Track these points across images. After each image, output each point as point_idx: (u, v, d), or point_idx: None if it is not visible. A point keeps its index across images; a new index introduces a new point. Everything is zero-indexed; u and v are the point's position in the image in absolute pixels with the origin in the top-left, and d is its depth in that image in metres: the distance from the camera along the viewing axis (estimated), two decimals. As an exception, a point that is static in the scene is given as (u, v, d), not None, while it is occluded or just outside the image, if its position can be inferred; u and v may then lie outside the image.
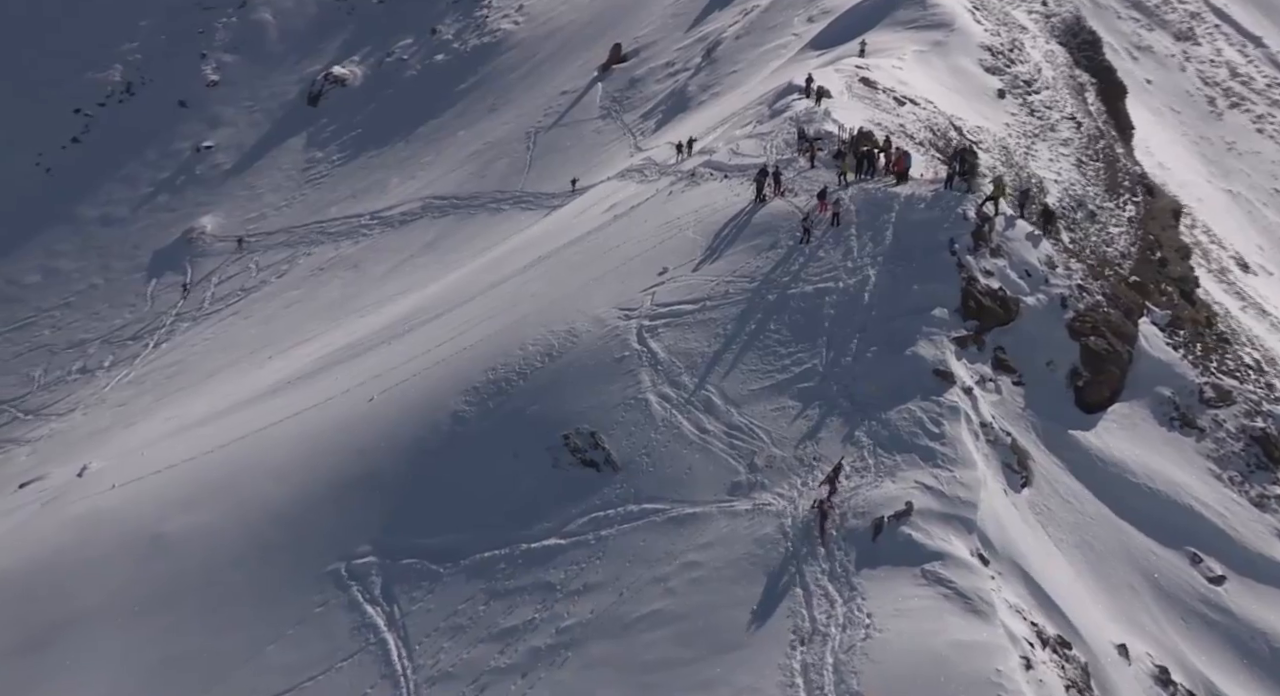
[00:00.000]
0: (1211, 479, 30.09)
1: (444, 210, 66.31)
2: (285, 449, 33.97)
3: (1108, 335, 30.81)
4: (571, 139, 67.99)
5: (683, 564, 26.15)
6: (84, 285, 76.94)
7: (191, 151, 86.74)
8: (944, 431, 27.78)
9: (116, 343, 70.13)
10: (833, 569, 25.14)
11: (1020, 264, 32.07)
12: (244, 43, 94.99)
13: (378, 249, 65.75)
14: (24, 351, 72.74)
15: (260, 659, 27.43)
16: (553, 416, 30.27)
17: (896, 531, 25.47)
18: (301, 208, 76.85)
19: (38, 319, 75.24)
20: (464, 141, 74.79)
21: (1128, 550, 28.18)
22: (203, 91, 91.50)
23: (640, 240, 36.60)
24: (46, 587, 31.77)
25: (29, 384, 69.31)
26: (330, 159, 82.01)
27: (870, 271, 32.10)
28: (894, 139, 40.62)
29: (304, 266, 68.71)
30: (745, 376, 30.52)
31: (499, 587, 27.00)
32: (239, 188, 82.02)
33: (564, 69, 78.38)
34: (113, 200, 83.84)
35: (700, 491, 27.87)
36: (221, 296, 69.90)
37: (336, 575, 28.92)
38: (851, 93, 50.79)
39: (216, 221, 78.52)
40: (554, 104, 73.43)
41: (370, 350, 40.80)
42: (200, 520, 31.86)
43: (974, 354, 30.25)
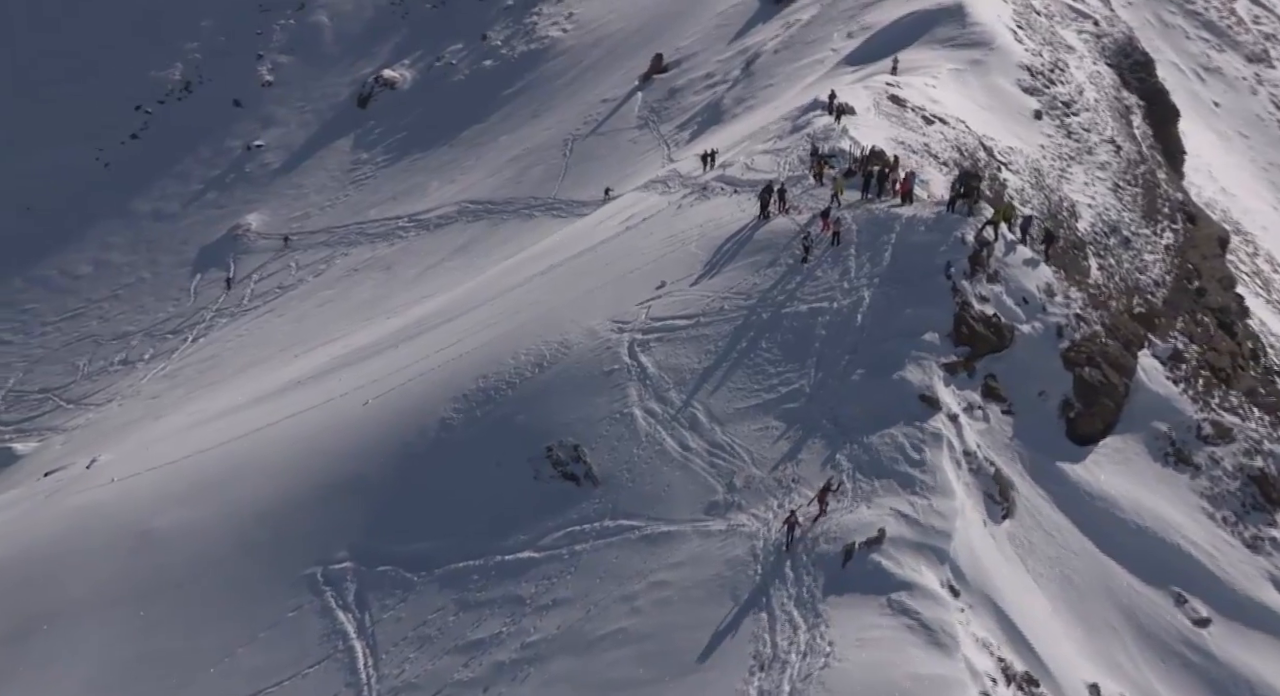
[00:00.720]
0: (1204, 517, 29.33)
1: (478, 215, 66.61)
2: (280, 449, 34.24)
3: (1103, 366, 30.14)
4: (607, 148, 67.94)
5: (652, 583, 26.01)
6: (133, 278, 78.17)
7: (242, 150, 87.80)
8: (925, 458, 27.37)
9: (158, 335, 71.18)
10: (799, 594, 24.88)
11: (1017, 290, 31.48)
12: (299, 44, 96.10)
13: (411, 251, 66.19)
14: (72, 341, 74.05)
15: (231, 661, 27.64)
16: (538, 427, 30.22)
17: (866, 558, 25.17)
18: (344, 208, 77.52)
19: (87, 309, 76.53)
20: (505, 147, 75.07)
21: (1109, 587, 27.56)
22: (257, 91, 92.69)
23: (644, 253, 36.47)
24: (36, 578, 32.16)
25: (74, 373, 70.51)
26: (375, 161, 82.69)
27: (865, 292, 31.71)
28: (903, 159, 40.03)
29: (340, 266, 69.31)
30: (732, 394, 30.27)
31: (470, 599, 27.01)
32: (286, 187, 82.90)
33: (607, 77, 78.37)
34: (165, 195, 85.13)
35: (677, 509, 27.69)
36: (261, 293, 70.70)
37: (313, 579, 29.08)
38: (878, 110, 50.19)
39: (261, 219, 79.43)
40: (594, 112, 73.46)
41: (380, 353, 41.02)
42: (190, 517, 32.14)
43: (964, 380, 29.73)
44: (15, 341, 76.06)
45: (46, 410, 68.07)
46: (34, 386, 71.05)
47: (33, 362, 73.52)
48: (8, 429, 67.86)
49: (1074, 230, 52.60)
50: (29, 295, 79.57)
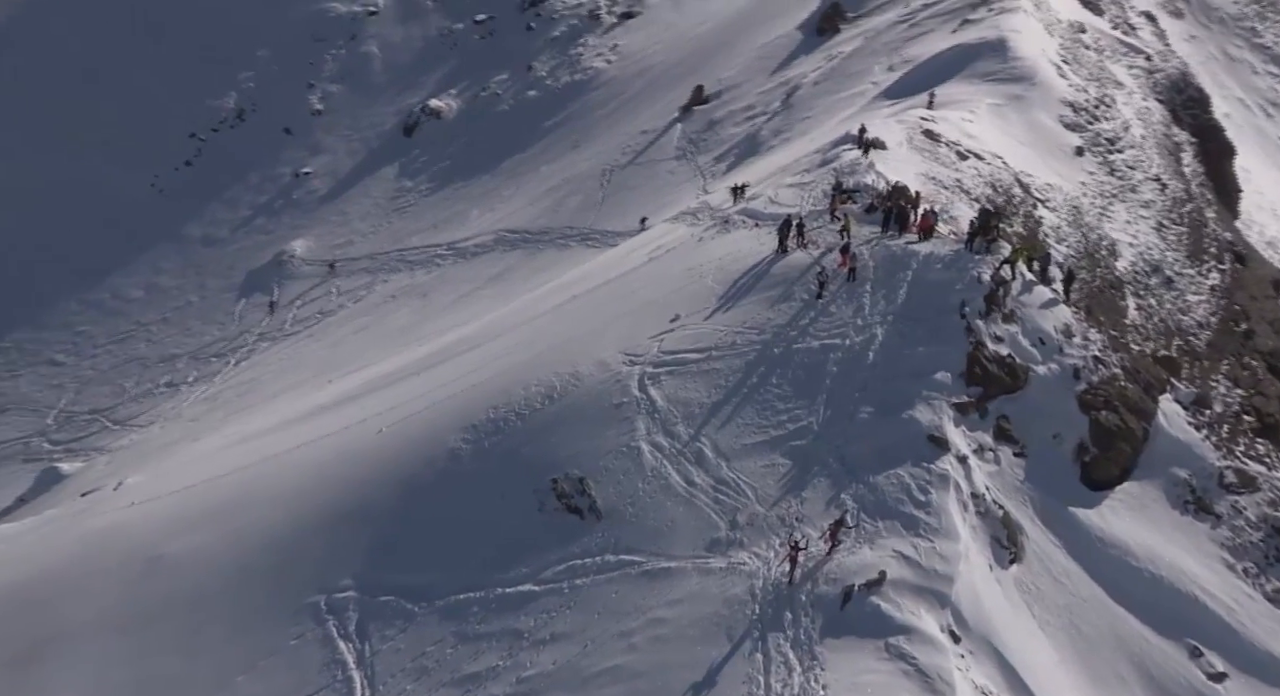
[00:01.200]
0: (1223, 568, 28.50)
1: (515, 244, 66.91)
2: (292, 476, 34.41)
3: (1121, 410, 29.46)
4: (644, 178, 68.00)
5: (650, 619, 25.75)
6: (181, 302, 79.38)
7: (291, 177, 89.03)
8: (930, 500, 26.91)
9: (202, 358, 72.19)
10: (796, 635, 24.50)
11: (1034, 331, 30.93)
12: (350, 74, 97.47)
13: (448, 279, 66.60)
14: (120, 363, 75.28)
15: (229, 688, 27.68)
16: (545, 459, 30.13)
17: (865, 601, 24.79)
18: (386, 235, 78.28)
19: (136, 332, 77.78)
20: (544, 177, 75.45)
21: (1120, 637, 26.85)
22: (307, 119, 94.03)
23: (661, 285, 36.36)
24: (45, 601, 32.46)
25: (121, 395, 71.64)
26: (419, 189, 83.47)
27: (878, 330, 31.35)
28: (928, 195, 39.60)
29: (379, 293, 69.91)
30: (740, 430, 29.99)
31: (469, 631, 26.92)
32: (331, 213, 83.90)
33: (648, 108, 78.58)
34: (215, 221, 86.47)
35: (678, 545, 27.42)
36: (302, 318, 71.44)
37: (316, 608, 29.12)
38: (911, 145, 49.80)
39: (306, 245, 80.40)
40: (633, 143, 73.61)
41: (402, 380, 41.18)
42: (198, 543, 32.32)
43: (975, 421, 29.21)
44: (68, 363, 77.48)
45: (94, 430, 69.20)
46: (84, 407, 72.26)
47: (83, 384, 74.79)
48: (57, 448, 69.02)
49: (1112, 269, 51.76)
50: (83, 318, 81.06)
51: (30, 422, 72.00)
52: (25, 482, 62.64)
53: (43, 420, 71.70)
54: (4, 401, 74.94)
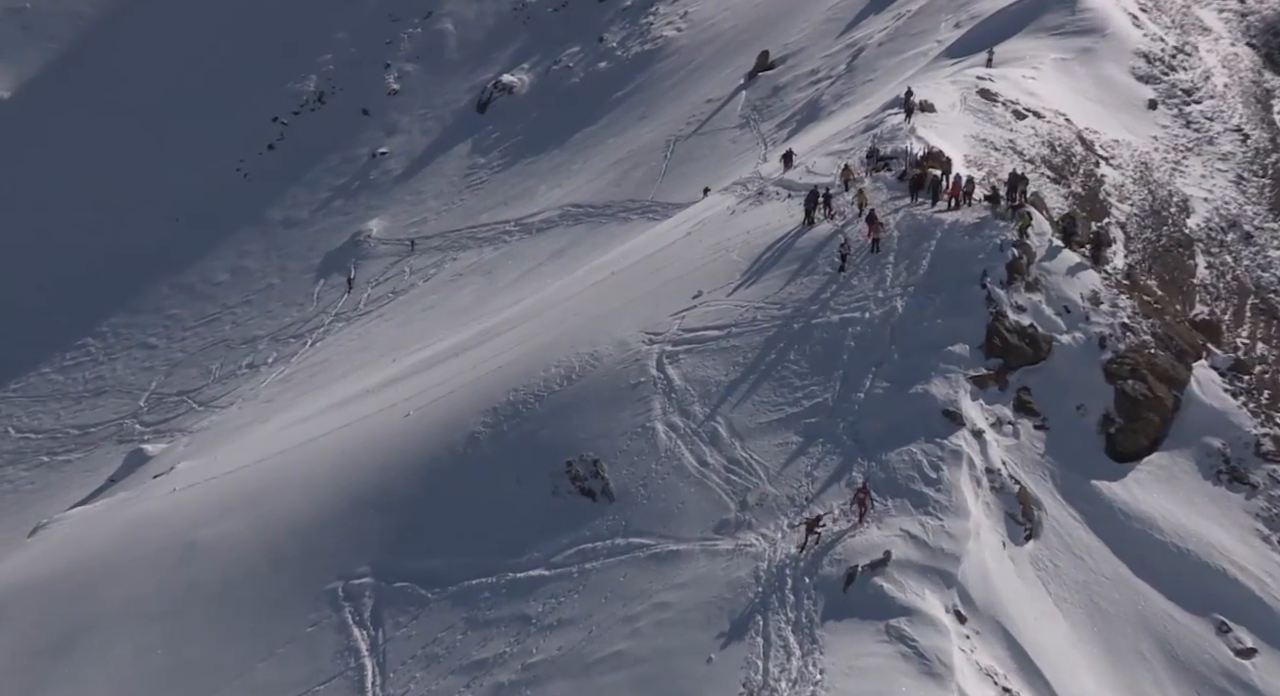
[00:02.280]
0: (1257, 541, 27.46)
1: (578, 218, 67.08)
2: (323, 461, 35.10)
3: (1149, 379, 28.53)
4: (707, 148, 67.53)
5: (655, 604, 25.79)
6: (263, 284, 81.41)
7: (368, 157, 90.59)
8: (941, 477, 26.49)
9: (282, 339, 73.95)
10: (798, 619, 24.35)
11: (1059, 299, 30.08)
12: (425, 52, 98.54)
13: (513, 256, 67.09)
14: (207, 345, 77.52)
15: (249, 675, 28.33)
16: (561, 442, 30.30)
17: (869, 582, 24.50)
18: (459, 213, 79.13)
19: (222, 315, 79.98)
20: (611, 149, 75.41)
21: (1142, 614, 26.11)
22: (384, 100, 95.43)
23: (688, 261, 36.20)
24: (84, 588, 33.44)
25: (207, 377, 73.73)
26: (491, 165, 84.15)
27: (898, 302, 30.80)
28: (968, 160, 38.66)
29: (448, 271, 70.71)
30: (756, 408, 29.82)
31: (479, 617, 27.25)
32: (406, 193, 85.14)
33: (714, 76, 77.93)
34: (296, 203, 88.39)
35: (688, 527, 27.41)
36: (376, 298, 72.68)
37: (334, 594, 29.67)
38: (964, 106, 48.65)
39: (382, 225, 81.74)
40: (698, 112, 73.10)
41: (442, 362, 41.74)
42: (231, 529, 33.10)
43: (994, 394, 28.59)
44: (160, 346, 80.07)
45: (181, 412, 71.40)
46: (172, 389, 74.56)
47: (173, 366, 77.20)
48: (147, 430, 71.40)
49: (1182, 227, 50.08)
50: (174, 301, 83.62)
51: (124, 404, 74.57)
52: (117, 463, 65.05)
53: (135, 402, 74.21)
54: (102, 384, 77.79)
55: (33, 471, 70.75)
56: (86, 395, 77.16)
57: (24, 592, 34.64)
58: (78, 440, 72.92)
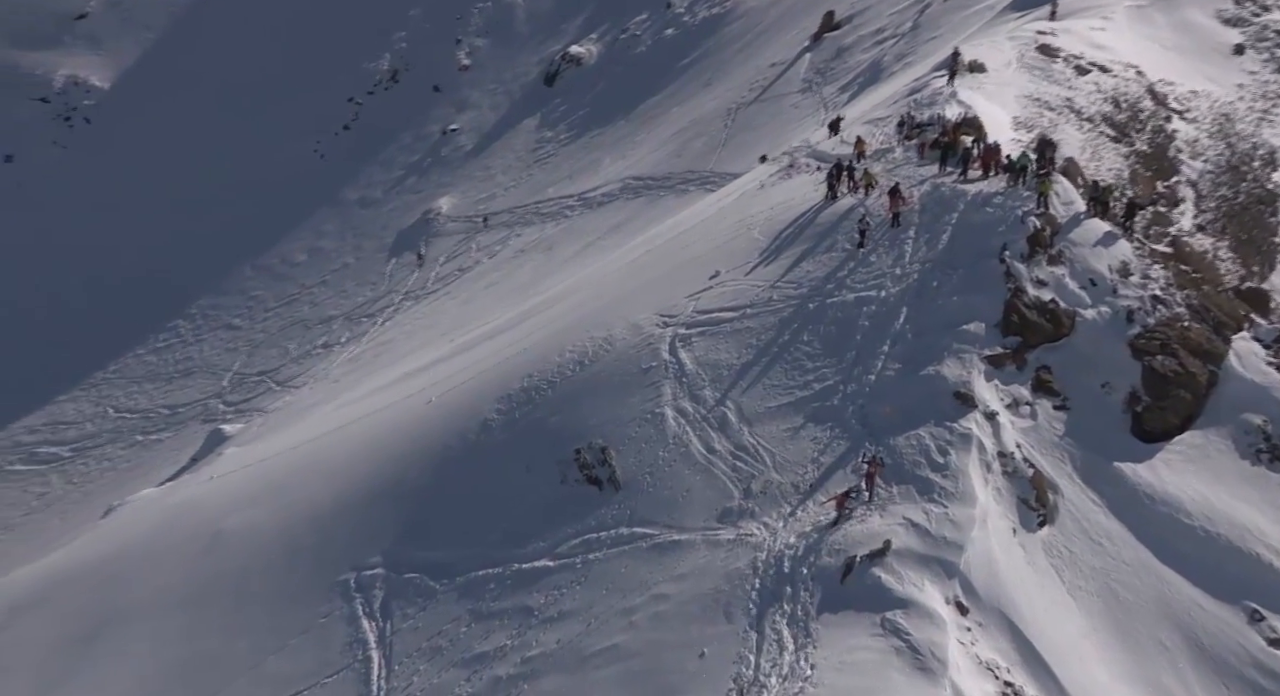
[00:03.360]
0: (1298, 523, 25.81)
1: (638, 191, 66.33)
2: (346, 450, 35.25)
3: (1180, 353, 27.06)
4: (768, 115, 66.07)
5: (653, 595, 25.42)
6: (339, 264, 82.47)
7: (439, 134, 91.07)
8: (949, 462, 25.57)
9: (355, 319, 74.90)
10: (794, 611, 23.78)
11: (1084, 272, 28.67)
12: (495, 26, 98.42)
13: (573, 231, 66.74)
14: (286, 325, 78.91)
15: (261, 668, 28.60)
16: (570, 429, 29.96)
17: (867, 573, 23.78)
18: (526, 188, 79.01)
19: (300, 295, 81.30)
20: (675, 119, 74.36)
21: (1165, 602, 24.93)
22: (455, 75, 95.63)
23: (710, 239, 35.48)
24: (118, 576, 34.02)
25: (285, 357, 75.09)
26: (558, 139, 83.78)
27: (915, 279, 29.65)
28: (1004, 126, 37.10)
29: (512, 248, 70.68)
30: (766, 392, 29.12)
31: (484, 609, 27.18)
32: (476, 169, 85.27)
33: (780, 38, 76.22)
34: (370, 183, 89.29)
35: (691, 516, 26.94)
36: (444, 276, 73.06)
37: (346, 585, 29.80)
38: (1020, 64, 46.82)
39: (452, 202, 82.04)
40: (761, 77, 71.58)
41: (478, 345, 41.69)
42: (254, 518, 33.44)
43: (1011, 374, 27.46)
44: (243, 326, 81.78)
45: (260, 392, 72.89)
46: (254, 369, 76.08)
47: (254, 347, 78.75)
48: (230, 409, 73.12)
49: (1264, 181, 47.70)
50: (256, 282, 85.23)
51: (209, 384, 76.35)
52: (201, 443, 66.79)
53: (219, 382, 75.91)
54: (190, 365, 79.78)
55: (128, 450, 72.93)
56: (176, 375, 79.21)
57: (67, 579, 35.54)
58: (168, 420, 74.92)
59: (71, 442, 74.80)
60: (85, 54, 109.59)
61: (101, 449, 73.67)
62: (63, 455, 74.00)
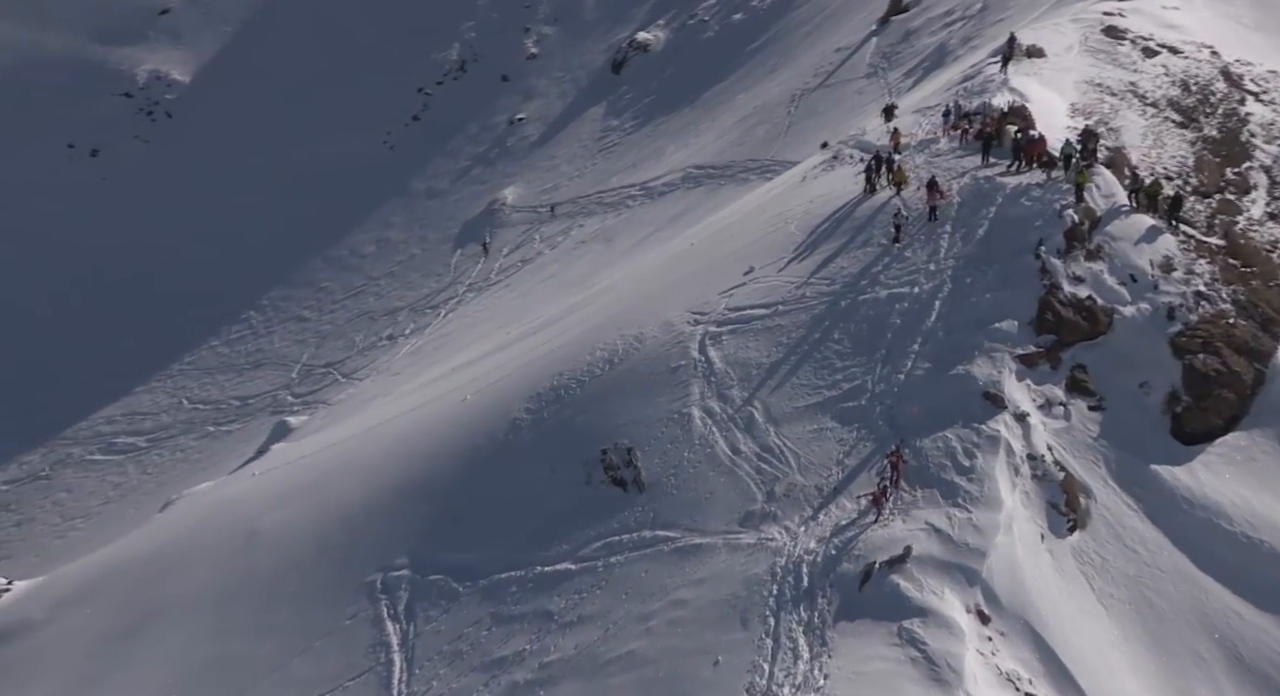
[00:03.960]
0: (1347, 530, 24.91)
1: (699, 181, 65.99)
2: (379, 449, 35.54)
3: (1224, 352, 26.30)
4: (831, 101, 65.26)
5: (672, 600, 25.29)
6: (405, 255, 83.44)
7: (506, 124, 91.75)
8: (975, 465, 25.15)
9: (419, 311, 75.73)
10: (810, 619, 23.55)
11: (1124, 268, 27.94)
12: (563, 14, 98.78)
13: (633, 222, 66.65)
14: (353, 317, 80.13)
15: (286, 669, 28.95)
16: (598, 429, 29.93)
17: (885, 580, 23.44)
18: (590, 178, 79.14)
19: (367, 286, 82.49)
20: (740, 105, 73.88)
21: (1202, 611, 24.26)
22: (523, 64, 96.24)
23: (748, 233, 35.22)
24: (160, 573, 34.59)
25: (351, 348, 76.34)
26: (623, 127, 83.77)
27: (949, 275, 29.16)
28: (1060, 113, 36.30)
29: (573, 239, 70.81)
30: (794, 391, 28.88)
31: (505, 612, 27.29)
32: (542, 158, 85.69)
33: (847, 22, 75.25)
34: (438, 173, 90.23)
35: (714, 519, 26.79)
36: (506, 267, 73.44)
37: (372, 586, 30.08)
38: (1083, 47, 45.75)
39: (517, 193, 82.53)
40: (826, 62, 70.73)
41: (520, 341, 41.95)
42: (288, 517, 33.83)
43: (1044, 374, 26.90)
44: (312, 318, 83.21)
45: (326, 384, 74.11)
46: (321, 361, 77.28)
47: (323, 338, 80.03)
48: (297, 401, 74.48)
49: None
50: (325, 274, 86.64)
51: (279, 376, 77.76)
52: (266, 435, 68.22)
53: (288, 374, 77.30)
54: (260, 357, 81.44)
55: (200, 441, 74.71)
56: (247, 367, 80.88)
57: (113, 574, 36.46)
58: (238, 411, 76.52)
59: (148, 433, 76.86)
60: (167, 49, 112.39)
61: (175, 440, 75.53)
62: (139, 445, 76.07)
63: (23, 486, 75.27)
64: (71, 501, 72.63)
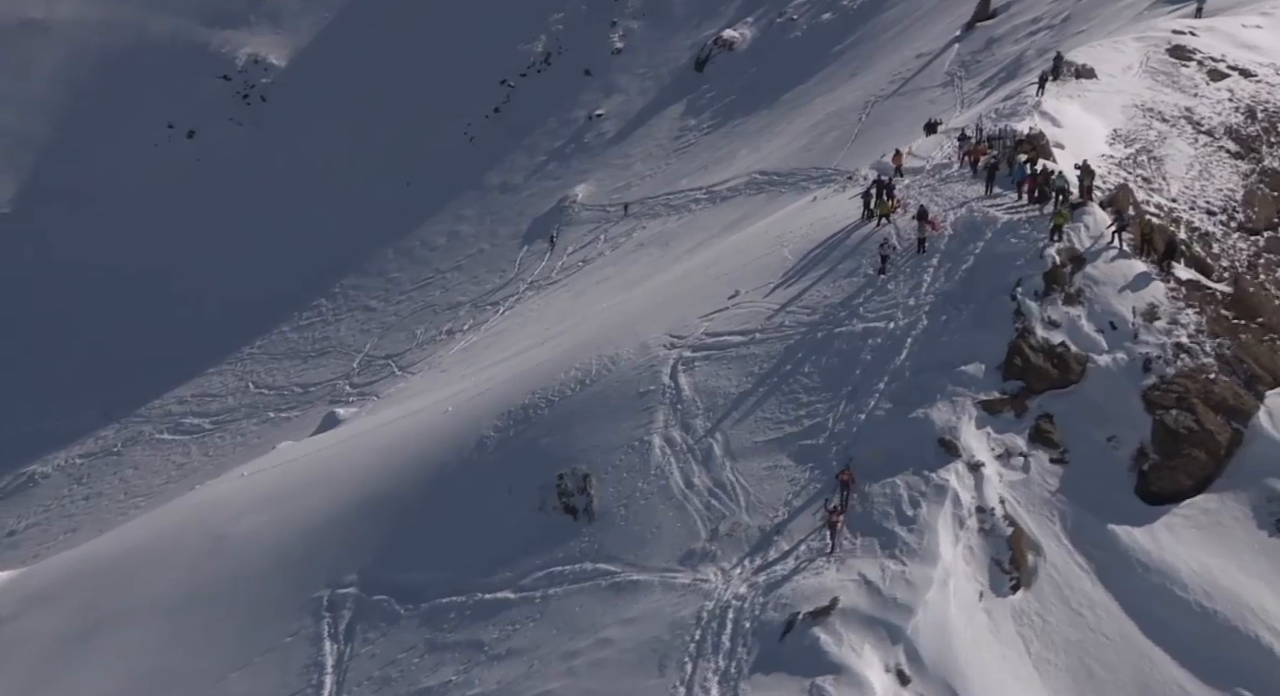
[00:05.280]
0: (1310, 604, 24.09)
1: (761, 187, 65.70)
2: (356, 458, 36.25)
3: (1198, 409, 25.66)
4: (903, 110, 64.40)
5: (599, 639, 25.68)
6: (474, 249, 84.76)
7: (584, 120, 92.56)
8: (917, 516, 24.95)
9: (480, 307, 76.75)
10: (726, 669, 23.77)
11: (1104, 314, 27.41)
12: (651, 8, 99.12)
13: (692, 226, 66.59)
14: (418, 309, 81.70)
15: (221, 685, 29.56)
16: (559, 452, 30.40)
17: (807, 632, 23.52)
18: (662, 178, 79.32)
19: (434, 279, 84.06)
20: (816, 110, 73.34)
21: (1145, 682, 23.84)
22: (607, 59, 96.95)
23: (743, 254, 35.31)
24: (126, 575, 35.64)
25: (411, 341, 77.96)
26: (700, 127, 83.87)
27: (925, 312, 28.87)
28: (1099, 138, 35.65)
29: (635, 240, 70.98)
30: (757, 425, 29.04)
31: (440, 640, 27.78)
32: (616, 156, 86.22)
33: (933, 26, 74.21)
34: (513, 168, 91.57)
35: (655, 556, 27.13)
36: (568, 266, 74.05)
37: (319, 603, 30.68)
38: (1143, 67, 44.73)
39: (588, 190, 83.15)
40: (904, 69, 69.88)
41: (530, 350, 42.48)
42: (257, 523, 34.75)
43: (1008, 422, 26.60)
44: (378, 308, 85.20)
45: (383, 376, 75.79)
46: (381, 352, 79.06)
47: (386, 329, 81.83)
48: (354, 391, 76.42)
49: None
50: (395, 265, 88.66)
51: (341, 365, 79.72)
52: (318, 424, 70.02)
53: (349, 363, 79.39)
54: (326, 344, 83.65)
55: (260, 426, 77.00)
56: (313, 354, 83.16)
57: (85, 572, 37.30)
58: (299, 398, 78.72)
59: (214, 415, 79.65)
60: (267, 33, 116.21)
61: (238, 423, 78.00)
62: (204, 427, 78.87)
63: (95, 460, 78.63)
64: (137, 478, 75.45)
